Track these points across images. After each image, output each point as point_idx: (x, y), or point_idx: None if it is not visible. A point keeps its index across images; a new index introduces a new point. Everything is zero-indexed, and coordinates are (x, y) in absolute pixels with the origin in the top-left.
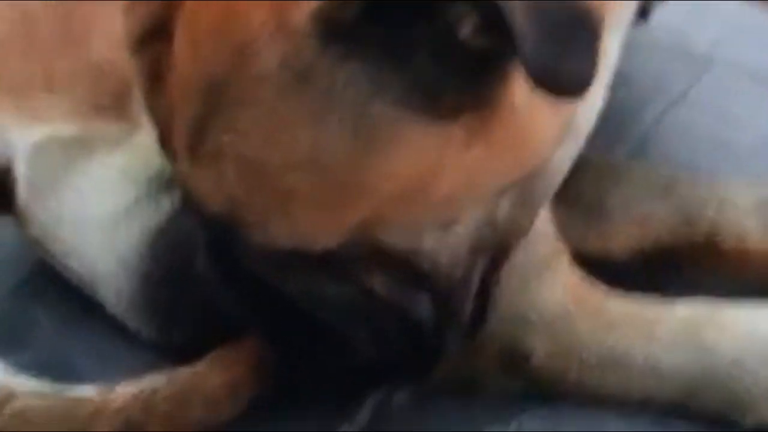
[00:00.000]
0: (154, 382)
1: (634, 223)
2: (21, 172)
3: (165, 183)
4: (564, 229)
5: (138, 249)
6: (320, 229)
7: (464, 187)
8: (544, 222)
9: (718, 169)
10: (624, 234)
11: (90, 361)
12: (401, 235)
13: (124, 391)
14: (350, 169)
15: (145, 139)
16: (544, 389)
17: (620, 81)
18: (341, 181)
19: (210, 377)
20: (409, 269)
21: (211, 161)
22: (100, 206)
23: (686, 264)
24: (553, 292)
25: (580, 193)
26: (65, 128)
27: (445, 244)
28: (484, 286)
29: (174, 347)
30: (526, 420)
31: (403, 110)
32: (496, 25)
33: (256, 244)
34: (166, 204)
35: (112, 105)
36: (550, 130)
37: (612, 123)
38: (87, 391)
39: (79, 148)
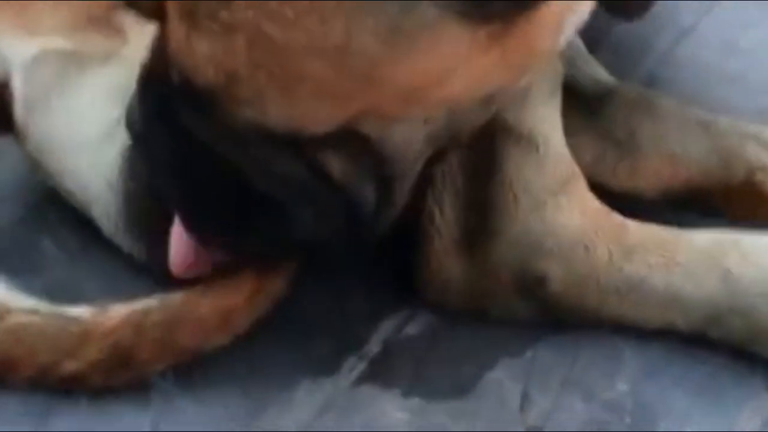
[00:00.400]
0: (147, 305)
1: (665, 161)
2: (17, 86)
3: None
4: (594, 161)
5: (120, 167)
6: (318, 116)
7: (469, 89)
8: (559, 144)
9: (727, 102)
10: (655, 171)
11: (98, 287)
12: (380, 125)
13: (116, 312)
14: (374, 63)
15: (132, 52)
16: (563, 315)
17: None
18: (359, 74)
19: (201, 303)
20: (369, 154)
21: (221, 33)
22: (90, 124)
23: (717, 206)
24: (570, 217)
25: (612, 125)
26: (60, 41)
27: (410, 134)
28: (425, 173)
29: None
30: (541, 349)
31: (445, 13)
32: None
33: (239, 121)
34: None
35: (104, 15)
36: (550, 42)
37: (621, 57)
38: (81, 311)
39: (72, 62)
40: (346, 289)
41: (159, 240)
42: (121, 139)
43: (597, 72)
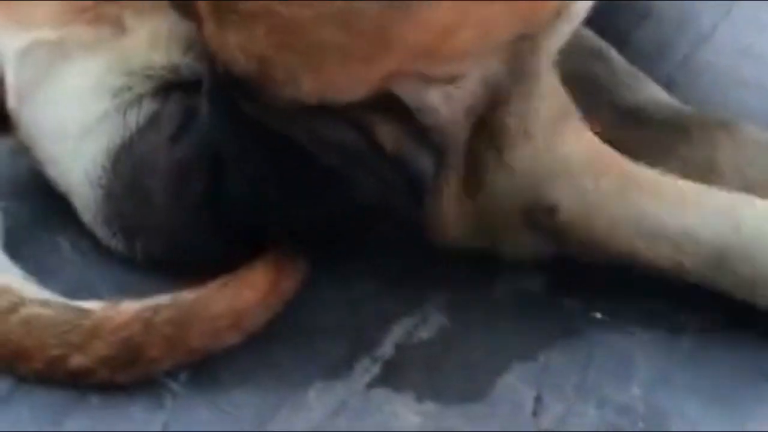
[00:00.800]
0: (158, 302)
1: (747, 189)
2: (10, 78)
3: (136, 97)
4: None
5: (102, 163)
6: (347, 84)
7: (479, 40)
8: (554, 80)
9: (745, 108)
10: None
11: (112, 289)
12: (413, 88)
13: (127, 308)
14: (380, 23)
15: (127, 43)
16: (573, 248)
17: (647, 16)
18: (370, 35)
19: (212, 303)
20: (413, 123)
21: (242, 23)
22: (73, 115)
23: None
24: (579, 143)
25: (691, 150)
26: (49, 33)
27: (447, 101)
28: (471, 144)
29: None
30: (553, 354)
31: None
32: None
33: (282, 100)
34: (133, 120)
35: (93, 7)
36: None
37: (641, 62)
38: (92, 305)
39: (59, 52)
40: (358, 292)
41: (135, 234)
42: (105, 134)
43: (659, 94)
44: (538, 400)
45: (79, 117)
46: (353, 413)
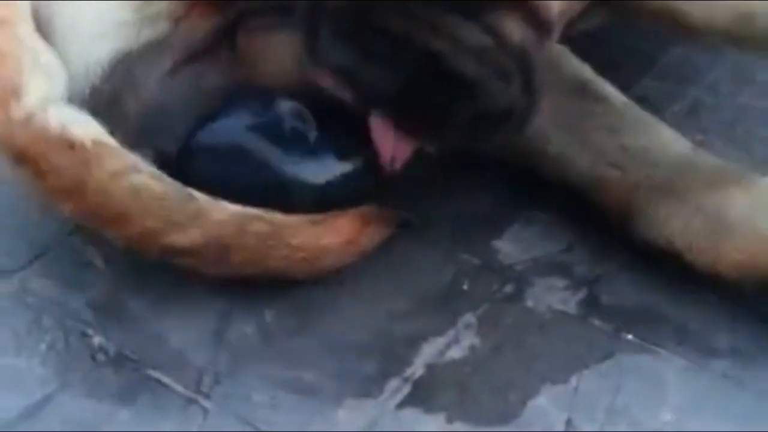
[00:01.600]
0: (255, 214)
1: (758, 241)
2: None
3: (153, 15)
4: (682, 231)
5: (102, 64)
6: None
7: None
8: None
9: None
10: (746, 251)
11: (143, 305)
12: None
13: (227, 208)
14: None
15: None
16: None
17: (676, 40)
18: None
19: (298, 233)
20: (535, 17)
21: None
22: (96, 18)
23: None
24: None
25: (703, 200)
26: None
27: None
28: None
29: None
30: (585, 377)
31: None
32: None
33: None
34: (144, 37)
35: None
36: None
37: (667, 85)
38: (197, 193)
39: None
40: (389, 312)
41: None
42: (117, 41)
43: (668, 135)
44: (569, 423)
45: (98, 21)
46: None
